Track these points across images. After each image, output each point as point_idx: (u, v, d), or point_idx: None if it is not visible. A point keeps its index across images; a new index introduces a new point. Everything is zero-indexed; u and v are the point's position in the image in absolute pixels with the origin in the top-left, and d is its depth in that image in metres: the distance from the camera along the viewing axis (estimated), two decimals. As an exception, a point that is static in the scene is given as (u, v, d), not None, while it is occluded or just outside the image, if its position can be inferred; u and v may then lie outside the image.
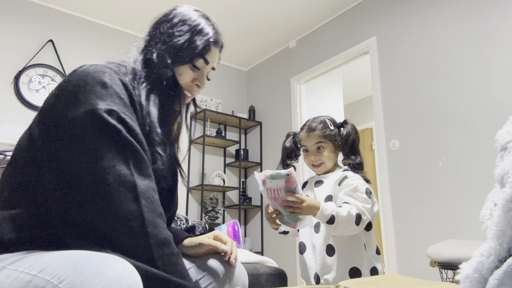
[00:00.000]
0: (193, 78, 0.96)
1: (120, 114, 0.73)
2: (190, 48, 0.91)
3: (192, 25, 0.93)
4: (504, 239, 0.43)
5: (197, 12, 0.99)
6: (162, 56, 0.90)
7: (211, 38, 0.95)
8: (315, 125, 1.50)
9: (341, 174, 1.43)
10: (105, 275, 0.54)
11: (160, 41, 0.92)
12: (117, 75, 0.80)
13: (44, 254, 0.61)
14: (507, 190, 0.44)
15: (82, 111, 0.71)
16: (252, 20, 3.72)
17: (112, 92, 0.75)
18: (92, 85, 0.74)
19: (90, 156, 0.69)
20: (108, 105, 0.72)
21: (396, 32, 3.05)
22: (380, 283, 0.99)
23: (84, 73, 0.77)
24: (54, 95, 0.77)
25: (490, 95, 2.38)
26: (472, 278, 0.45)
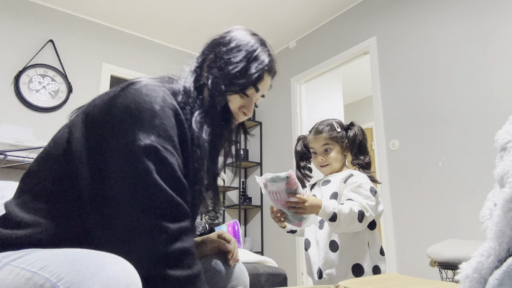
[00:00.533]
0: (241, 105, 0.93)
1: (159, 149, 0.71)
2: (245, 76, 0.89)
3: (249, 51, 0.91)
4: (503, 239, 0.43)
5: (254, 37, 0.96)
6: (217, 83, 0.87)
7: (266, 66, 0.92)
8: (322, 127, 1.53)
9: (348, 173, 1.47)
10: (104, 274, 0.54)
11: (215, 66, 0.89)
12: (170, 98, 0.79)
13: (46, 251, 0.62)
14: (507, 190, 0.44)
15: (123, 142, 0.71)
16: (252, 20, 3.72)
17: (159, 124, 0.73)
18: (141, 111, 0.73)
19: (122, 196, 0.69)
20: (149, 139, 0.71)
21: (396, 32, 3.05)
22: (380, 282, 0.99)
23: (138, 94, 0.75)
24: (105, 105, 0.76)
25: (490, 95, 2.38)
26: (471, 278, 0.45)
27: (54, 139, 0.80)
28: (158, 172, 0.70)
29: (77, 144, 0.75)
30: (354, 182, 1.39)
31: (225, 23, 3.81)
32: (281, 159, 3.96)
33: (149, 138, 0.71)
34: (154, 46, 4.08)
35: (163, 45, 4.16)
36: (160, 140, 0.72)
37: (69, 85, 3.38)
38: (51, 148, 0.79)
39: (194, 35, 4.01)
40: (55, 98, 3.29)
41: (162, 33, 3.97)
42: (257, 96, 0.96)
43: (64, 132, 0.79)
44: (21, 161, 2.65)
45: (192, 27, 3.86)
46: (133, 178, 0.69)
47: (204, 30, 3.89)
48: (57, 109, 3.29)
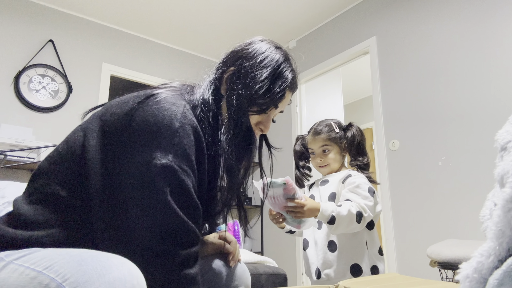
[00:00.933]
0: (258, 121, 0.91)
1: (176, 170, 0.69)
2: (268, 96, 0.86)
3: (274, 67, 0.87)
4: (503, 239, 0.43)
5: (279, 51, 0.92)
6: (242, 102, 0.83)
7: (289, 84, 0.89)
8: (320, 128, 1.53)
9: (346, 173, 1.47)
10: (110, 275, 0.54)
11: (239, 82, 0.85)
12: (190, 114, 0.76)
13: (51, 251, 0.62)
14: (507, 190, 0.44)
15: (140, 159, 0.69)
16: (252, 20, 3.72)
17: (177, 142, 0.71)
18: (160, 128, 0.70)
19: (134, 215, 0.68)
20: (166, 159, 0.68)
21: (396, 32, 3.05)
22: (380, 282, 0.99)
23: (158, 109, 0.73)
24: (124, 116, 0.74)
25: (490, 95, 2.38)
26: (472, 278, 0.45)
27: (68, 142, 0.78)
28: (173, 193, 0.68)
29: (92, 152, 0.73)
30: (352, 183, 1.39)
31: (225, 23, 3.82)
32: (281, 159, 3.96)
33: (167, 158, 0.69)
34: (154, 46, 4.08)
35: (163, 45, 4.16)
36: (177, 160, 0.70)
37: (69, 85, 3.38)
38: (64, 150, 0.77)
39: (194, 35, 4.01)
40: (55, 98, 3.29)
41: (162, 33, 3.97)
42: (275, 112, 0.93)
43: (79, 136, 0.77)
44: (21, 161, 2.65)
45: (192, 27, 3.86)
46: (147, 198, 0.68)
47: (204, 30, 3.89)
48: (57, 109, 3.29)
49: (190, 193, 0.71)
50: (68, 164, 0.75)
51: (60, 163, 0.76)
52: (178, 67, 4.20)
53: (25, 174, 2.98)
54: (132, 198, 0.68)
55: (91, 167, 0.72)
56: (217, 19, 3.71)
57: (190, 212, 0.71)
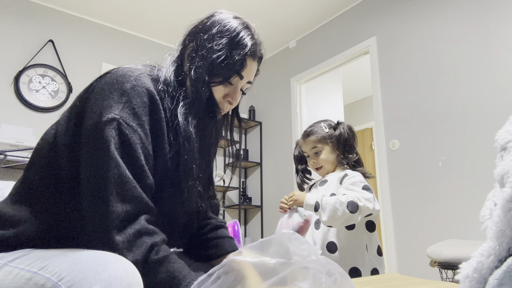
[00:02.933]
0: (225, 94, 0.88)
1: (121, 124, 0.69)
2: (227, 65, 0.84)
3: (231, 36, 0.85)
4: (503, 239, 0.43)
5: (236, 20, 0.90)
6: (200, 73, 0.83)
7: (248, 51, 0.86)
8: (310, 130, 1.56)
9: (343, 173, 1.47)
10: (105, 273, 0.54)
11: (197, 55, 0.85)
12: (145, 79, 0.76)
13: (45, 252, 0.62)
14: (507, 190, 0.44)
15: (91, 122, 0.70)
16: (252, 20, 3.71)
17: (125, 101, 0.71)
18: (111, 91, 0.72)
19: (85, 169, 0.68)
20: (113, 114, 0.69)
21: (396, 32, 3.05)
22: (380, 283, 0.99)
23: (113, 76, 0.75)
24: (85, 92, 0.77)
25: (490, 95, 2.38)
26: (472, 278, 0.45)
27: (42, 137, 0.80)
28: (116, 146, 0.68)
29: (60, 136, 0.75)
30: (348, 181, 1.41)
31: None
32: (281, 159, 3.96)
33: (113, 112, 0.69)
34: (154, 46, 4.08)
35: (163, 45, 4.16)
36: (123, 115, 0.70)
37: (69, 85, 3.38)
38: (39, 145, 0.79)
39: (194, 35, 4.01)
40: (55, 98, 3.29)
41: (162, 33, 3.97)
42: (242, 83, 0.89)
43: (52, 128, 0.79)
44: (21, 161, 2.65)
45: (192, 27, 3.85)
46: (92, 149, 0.68)
47: (204, 30, 3.89)
48: (57, 109, 3.29)
49: (135, 150, 0.70)
50: (42, 155, 0.76)
51: (35, 157, 0.77)
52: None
53: (25, 174, 2.98)
54: (84, 158, 0.69)
55: (60, 148, 0.73)
56: (217, 19, 3.70)
57: (134, 169, 0.69)
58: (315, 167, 1.55)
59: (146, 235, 0.66)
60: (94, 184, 0.66)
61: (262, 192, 4.15)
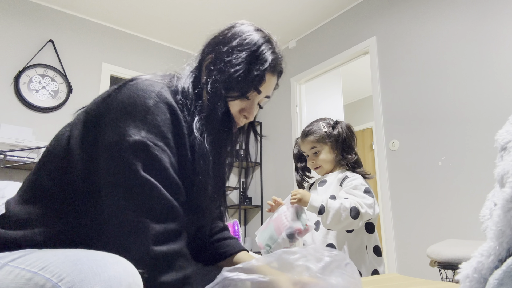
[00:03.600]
0: (242, 108, 0.86)
1: (149, 146, 0.68)
2: (245, 80, 0.82)
3: (251, 50, 0.83)
4: (503, 239, 0.43)
5: (258, 33, 0.87)
6: (217, 88, 0.81)
7: (268, 67, 0.84)
8: (308, 130, 1.53)
9: (343, 175, 1.46)
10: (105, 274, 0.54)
11: (215, 68, 0.83)
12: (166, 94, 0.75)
13: (46, 252, 0.62)
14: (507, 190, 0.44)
15: (112, 139, 0.69)
16: (252, 20, 3.68)
17: (151, 119, 0.70)
18: (134, 106, 0.71)
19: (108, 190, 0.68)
20: (139, 135, 0.68)
21: (396, 32, 3.05)
22: (380, 283, 0.99)
23: (134, 90, 0.73)
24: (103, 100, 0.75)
25: (490, 95, 2.38)
26: (472, 278, 0.45)
27: (56, 138, 0.79)
28: (146, 168, 0.67)
29: (75, 141, 0.74)
30: (349, 185, 1.39)
31: (225, 23, 3.81)
32: (281, 159, 3.96)
33: (139, 134, 0.68)
34: (154, 46, 4.08)
35: (163, 45, 4.16)
36: (150, 136, 0.69)
37: (69, 85, 3.38)
38: (51, 146, 0.78)
39: (193, 35, 4.01)
40: (55, 98, 3.29)
41: (162, 33, 3.97)
42: (259, 98, 0.88)
43: (66, 130, 0.78)
44: (21, 161, 2.65)
45: (192, 27, 3.86)
46: (120, 174, 0.67)
47: (204, 30, 3.88)
48: (57, 109, 3.29)
49: (166, 168, 0.70)
50: (55, 158, 0.75)
51: (48, 157, 0.76)
52: (178, 67, 4.19)
53: (25, 174, 2.98)
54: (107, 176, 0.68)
55: (74, 154, 0.73)
56: (217, 19, 3.71)
57: (167, 186, 0.69)
58: (313, 167, 1.54)
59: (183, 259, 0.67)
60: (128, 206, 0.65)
61: (262, 192, 4.15)
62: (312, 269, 0.62)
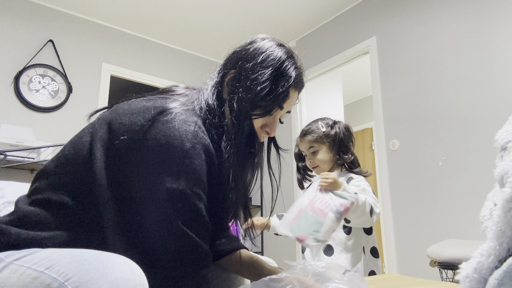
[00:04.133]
0: (264, 124, 0.86)
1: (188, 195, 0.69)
2: (271, 98, 0.81)
3: (275, 67, 0.83)
4: (503, 239, 0.43)
5: (281, 48, 0.87)
6: (244, 106, 0.80)
7: (292, 83, 0.85)
8: (306, 129, 1.54)
9: (345, 176, 1.47)
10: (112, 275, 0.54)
11: (240, 85, 0.81)
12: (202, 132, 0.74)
13: (52, 251, 0.61)
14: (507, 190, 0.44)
15: (151, 183, 0.69)
16: (252, 20, 3.72)
17: (188, 164, 0.70)
18: (171, 150, 0.69)
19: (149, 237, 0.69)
20: (178, 183, 0.68)
21: (396, 32, 3.05)
22: (380, 283, 0.99)
23: (169, 128, 0.71)
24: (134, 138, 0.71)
25: (490, 95, 2.38)
26: (472, 278, 0.45)
27: (75, 146, 0.76)
28: (185, 218, 0.69)
29: (100, 163, 0.72)
30: (358, 186, 1.40)
31: (225, 23, 3.82)
32: (281, 159, 3.96)
33: (178, 182, 0.68)
34: (154, 46, 4.08)
35: (163, 45, 4.16)
36: (189, 184, 0.69)
37: (69, 85, 3.38)
38: (70, 154, 0.76)
39: (194, 35, 4.01)
40: (55, 98, 3.29)
41: (162, 33, 3.97)
42: (281, 113, 0.88)
43: (86, 141, 0.76)
44: (21, 161, 2.65)
45: (192, 27, 3.86)
46: (160, 223, 0.68)
47: (204, 30, 3.89)
48: (57, 109, 3.29)
49: (202, 216, 0.72)
50: (74, 169, 0.74)
51: (66, 166, 0.75)
52: (178, 67, 4.20)
53: (25, 174, 2.98)
54: (146, 221, 0.69)
55: (98, 177, 0.71)
56: (217, 19, 3.71)
57: (202, 233, 0.72)
58: (311, 166, 1.55)
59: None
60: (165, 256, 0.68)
61: (262, 192, 4.15)
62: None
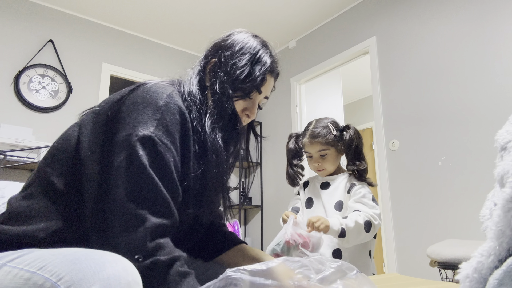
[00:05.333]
0: (244, 107, 0.93)
1: (156, 142, 0.71)
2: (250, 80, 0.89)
3: (252, 53, 0.91)
4: (503, 239, 0.43)
5: (256, 39, 0.96)
6: (225, 88, 0.87)
7: (268, 68, 0.92)
8: (318, 131, 1.47)
9: (349, 181, 1.45)
10: (104, 273, 0.54)
11: (221, 70, 0.89)
12: (177, 97, 0.80)
13: (44, 251, 0.62)
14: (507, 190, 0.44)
15: (124, 134, 0.72)
16: (252, 20, 3.72)
17: (159, 117, 0.74)
18: (145, 106, 0.75)
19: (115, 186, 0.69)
20: (147, 131, 0.71)
21: (396, 32, 3.05)
22: (380, 283, 1.00)
23: (146, 91, 0.78)
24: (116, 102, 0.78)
25: (490, 95, 2.38)
26: (472, 278, 0.45)
27: (63, 137, 0.81)
28: (151, 163, 0.70)
29: (85, 141, 0.76)
30: (358, 193, 1.40)
31: (225, 23, 3.82)
32: (281, 159, 3.96)
33: (148, 130, 0.72)
34: (154, 46, 4.08)
35: (163, 45, 4.16)
36: (158, 133, 0.72)
37: (69, 85, 3.38)
38: (59, 144, 0.80)
39: (194, 35, 4.01)
40: (55, 98, 3.29)
41: (162, 33, 3.97)
42: (260, 98, 0.95)
43: (74, 130, 0.80)
44: (21, 161, 2.65)
45: (192, 27, 3.86)
46: (126, 165, 0.69)
47: (204, 30, 3.89)
48: (57, 109, 3.29)
49: (168, 167, 0.73)
50: (64, 156, 0.77)
51: (55, 155, 0.78)
52: (178, 67, 4.19)
53: (25, 174, 2.98)
54: (115, 167, 0.70)
55: (85, 154, 0.75)
56: (216, 19, 3.71)
57: (167, 185, 0.71)
58: (317, 169, 1.50)
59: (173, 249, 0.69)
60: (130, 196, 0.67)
61: (262, 192, 4.15)
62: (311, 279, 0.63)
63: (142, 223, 0.66)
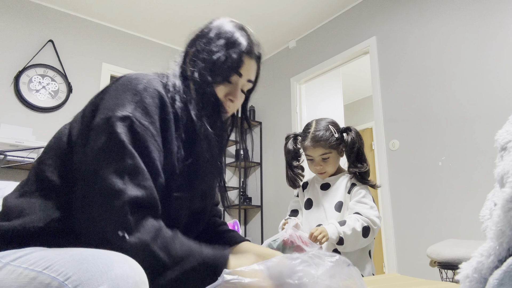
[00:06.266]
0: (226, 92, 0.92)
1: (134, 122, 0.72)
2: (226, 63, 0.88)
3: (227, 37, 0.90)
4: (503, 239, 0.43)
5: (231, 23, 0.95)
6: (204, 75, 0.88)
7: (244, 49, 0.91)
8: (321, 134, 1.44)
9: (349, 182, 1.45)
10: (112, 272, 0.54)
11: (198, 58, 0.90)
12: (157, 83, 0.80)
13: (49, 251, 0.61)
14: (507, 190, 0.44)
15: (102, 117, 0.72)
16: (252, 20, 3.71)
17: (138, 100, 0.75)
18: (124, 91, 0.76)
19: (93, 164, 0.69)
20: (126, 112, 0.72)
21: (396, 32, 3.05)
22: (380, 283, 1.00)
23: (126, 78, 0.79)
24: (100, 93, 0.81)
25: (490, 95, 2.38)
26: (472, 278, 0.45)
27: (56, 135, 0.82)
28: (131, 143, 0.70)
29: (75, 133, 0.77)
30: (358, 194, 1.40)
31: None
32: (281, 159, 3.96)
33: (126, 110, 0.72)
34: (154, 46, 4.08)
35: (163, 45, 4.16)
36: (136, 114, 0.73)
37: (69, 85, 3.38)
38: (51, 142, 0.81)
39: (194, 35, 4.01)
40: (55, 98, 3.29)
41: (161, 33, 3.97)
42: (242, 82, 0.93)
43: (65, 128, 0.82)
44: (21, 161, 2.65)
45: (191, 27, 3.85)
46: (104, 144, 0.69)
47: (204, 30, 3.89)
48: (57, 109, 3.29)
49: (147, 147, 0.73)
50: (57, 151, 0.78)
51: (49, 153, 0.79)
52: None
53: (25, 174, 2.98)
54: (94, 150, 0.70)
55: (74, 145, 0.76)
56: (217, 19, 3.70)
57: (146, 162, 0.72)
58: (319, 172, 1.49)
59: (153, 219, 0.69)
60: (109, 171, 0.67)
61: (262, 192, 4.15)
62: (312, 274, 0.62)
63: (121, 196, 0.65)
